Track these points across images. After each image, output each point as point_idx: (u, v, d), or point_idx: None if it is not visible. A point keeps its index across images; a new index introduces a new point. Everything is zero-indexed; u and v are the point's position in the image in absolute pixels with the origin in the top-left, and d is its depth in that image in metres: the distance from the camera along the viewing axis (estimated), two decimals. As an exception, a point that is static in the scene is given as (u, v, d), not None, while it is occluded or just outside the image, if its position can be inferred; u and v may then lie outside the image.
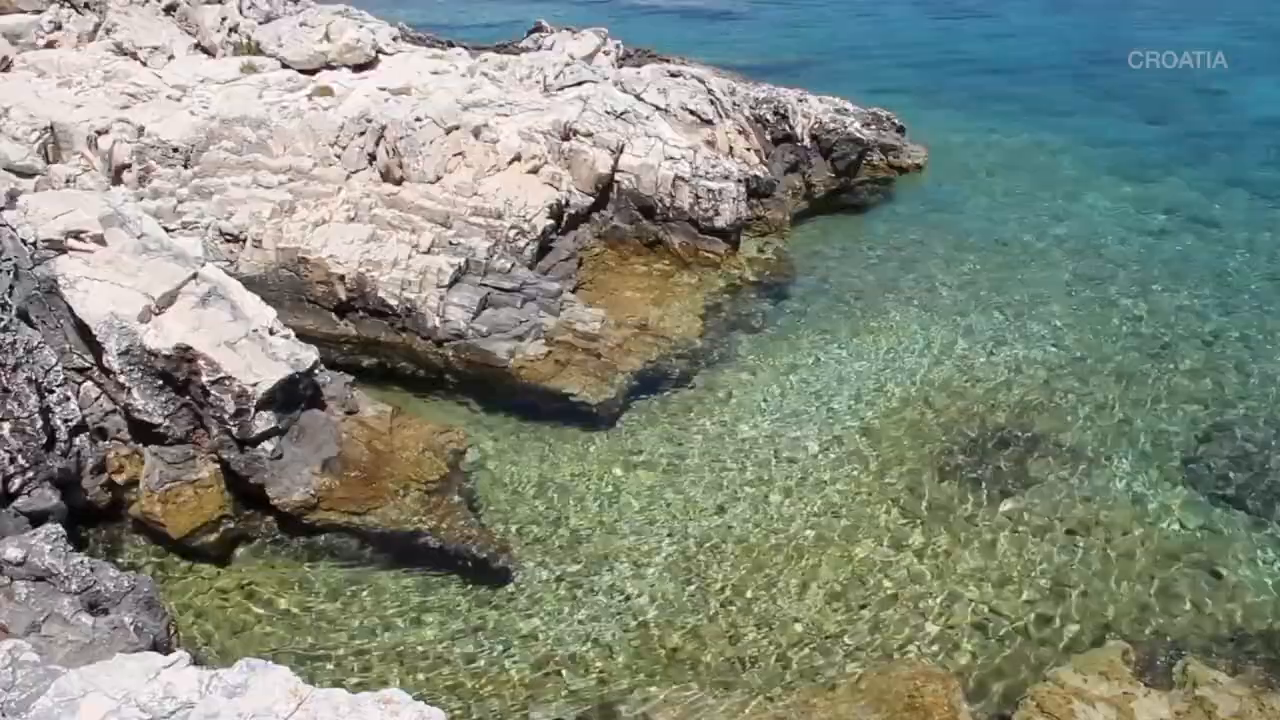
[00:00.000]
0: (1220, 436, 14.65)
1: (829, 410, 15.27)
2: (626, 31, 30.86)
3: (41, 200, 13.60)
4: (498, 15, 41.82)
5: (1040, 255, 20.10)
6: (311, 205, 16.65)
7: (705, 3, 45.96)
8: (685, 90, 21.86)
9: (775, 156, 22.61)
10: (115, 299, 12.26)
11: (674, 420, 15.05)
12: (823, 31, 40.25)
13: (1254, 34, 38.46)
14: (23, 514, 10.55)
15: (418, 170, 17.34)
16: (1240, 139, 26.91)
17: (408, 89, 19.87)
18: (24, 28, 21.09)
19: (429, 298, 15.43)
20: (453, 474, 12.89)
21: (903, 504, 13.31)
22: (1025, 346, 16.92)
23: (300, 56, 21.08)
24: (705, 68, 25.50)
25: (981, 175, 24.40)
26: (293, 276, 15.86)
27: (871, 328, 17.44)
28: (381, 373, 15.67)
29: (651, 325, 16.46)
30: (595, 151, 18.53)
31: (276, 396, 12.14)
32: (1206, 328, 17.47)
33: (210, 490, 12.40)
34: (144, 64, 20.64)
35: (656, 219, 18.81)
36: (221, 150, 17.62)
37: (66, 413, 11.48)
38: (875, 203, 23.10)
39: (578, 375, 15.12)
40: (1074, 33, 39.97)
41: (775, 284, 18.59)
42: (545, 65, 21.96)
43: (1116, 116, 29.08)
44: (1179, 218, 21.88)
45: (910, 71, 33.90)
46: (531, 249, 16.89)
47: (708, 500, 13.40)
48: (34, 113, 17.27)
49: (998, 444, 14.43)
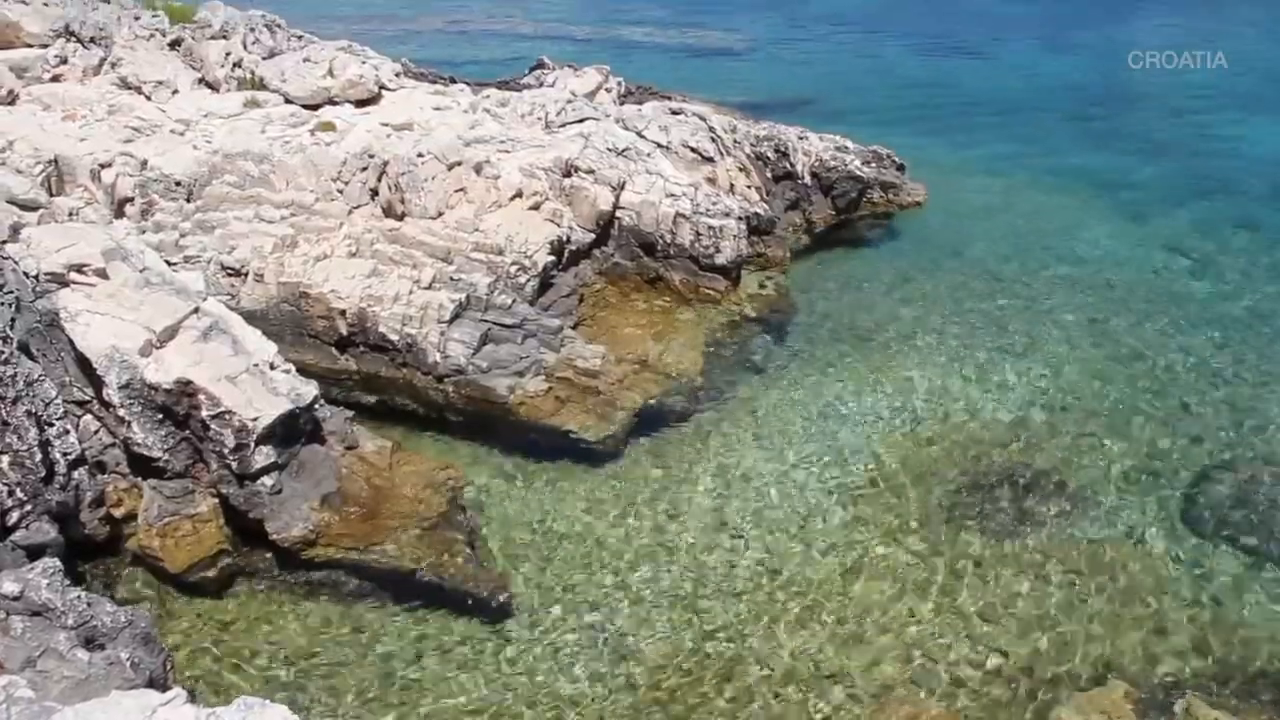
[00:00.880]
0: (1221, 475, 14.63)
1: (829, 448, 15.25)
2: (628, 68, 31.03)
3: (44, 233, 13.63)
4: (500, 52, 42.09)
5: (1040, 293, 20.13)
6: (313, 240, 16.68)
7: (706, 41, 46.27)
8: (686, 128, 21.96)
9: (776, 194, 22.69)
10: (116, 332, 12.26)
11: (674, 457, 15.03)
12: (822, 69, 40.50)
13: (1252, 70, 38.68)
14: (20, 547, 10.50)
15: (419, 206, 17.39)
16: (1238, 176, 27.03)
17: (410, 125, 19.95)
18: (30, 61, 21.21)
19: (430, 333, 15.44)
20: (452, 510, 12.85)
21: (904, 542, 13.27)
22: (1025, 384, 16.93)
23: (303, 92, 21.17)
24: (706, 105, 25.63)
25: (981, 212, 24.48)
26: (294, 311, 15.87)
27: (872, 365, 17.45)
28: (382, 408, 15.65)
29: (652, 362, 16.46)
30: (596, 188, 18.59)
31: (276, 431, 12.12)
32: (1206, 366, 17.48)
33: (209, 525, 12.35)
34: (148, 98, 20.72)
35: (657, 255, 18.85)
36: (224, 184, 17.67)
37: (66, 446, 11.45)
38: (875, 240, 23.16)
39: (578, 412, 15.11)
40: (1071, 71, 40.21)
41: (776, 321, 18.62)
42: (547, 102, 22.05)
43: (1115, 154, 29.22)
44: (1178, 255, 21.94)
45: (909, 109, 34.08)
46: (532, 285, 16.91)
47: (708, 538, 13.36)
48: (38, 146, 17.33)
49: (998, 482, 14.41)
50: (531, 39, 46.07)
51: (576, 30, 49.18)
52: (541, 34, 47.81)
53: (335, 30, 36.94)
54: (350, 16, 53.14)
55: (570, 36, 47.19)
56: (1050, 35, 47.04)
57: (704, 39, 46.85)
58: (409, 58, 27.86)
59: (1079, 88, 37.48)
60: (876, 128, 29.27)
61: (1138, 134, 31.26)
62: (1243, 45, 43.50)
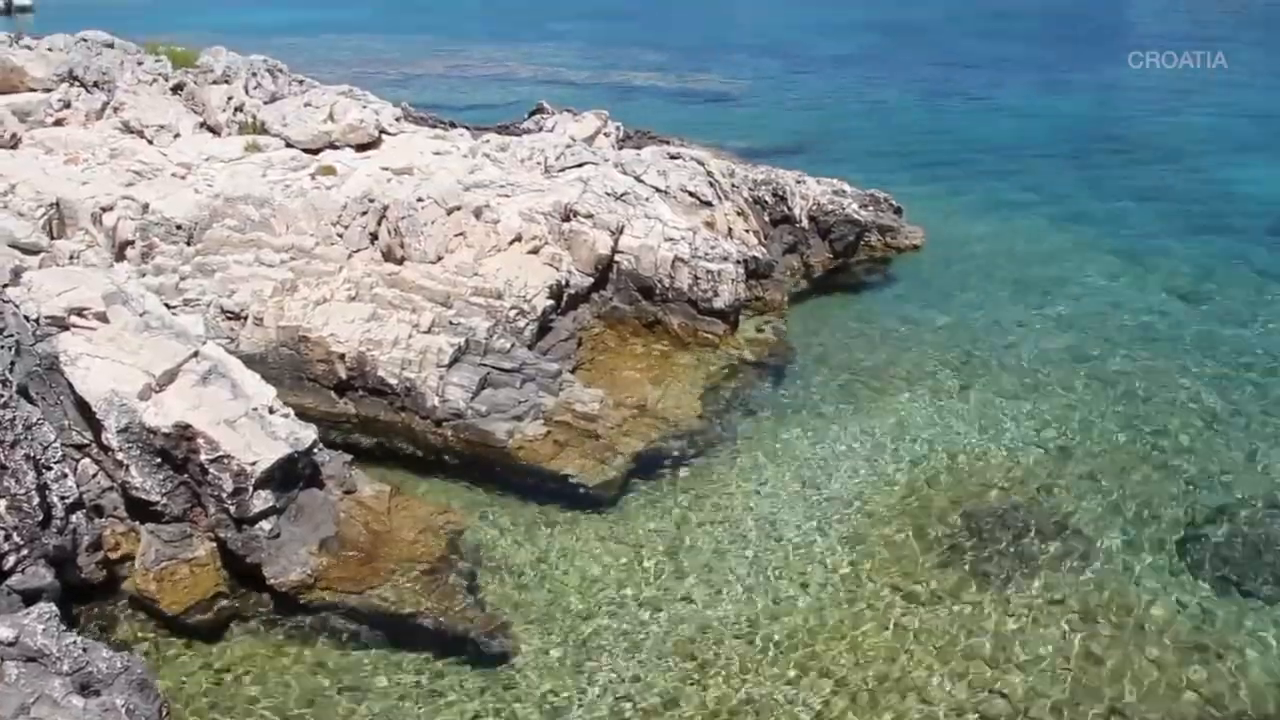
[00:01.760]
0: (1221, 518, 14.58)
1: (828, 493, 15.23)
2: (627, 112, 31.26)
3: (45, 277, 13.69)
4: (499, 96, 42.40)
5: (1038, 335, 20.16)
6: (313, 284, 16.74)
7: (705, 85, 46.65)
8: (685, 172, 22.09)
9: (774, 237, 22.80)
10: (116, 376, 12.28)
11: (673, 502, 15.00)
12: (819, 113, 40.77)
13: (1247, 113, 38.94)
14: (16, 592, 10.48)
15: (419, 250, 17.46)
16: (1234, 217, 27.14)
17: (410, 169, 20.07)
18: (34, 106, 21.39)
19: (429, 377, 15.46)
20: (450, 555, 12.81)
21: (904, 587, 13.21)
22: (1023, 428, 16.92)
23: (304, 136, 21.33)
24: (704, 149, 25.79)
25: (979, 255, 24.57)
26: (293, 355, 15.90)
27: (870, 409, 17.45)
28: (380, 452, 15.64)
29: (650, 406, 16.47)
30: (595, 232, 18.68)
31: (275, 475, 12.12)
32: (1205, 406, 17.47)
33: (206, 568, 12.34)
34: (150, 142, 20.88)
35: (656, 299, 18.91)
36: (225, 228, 17.75)
37: (64, 490, 11.45)
38: (874, 283, 23.24)
39: (576, 456, 15.10)
40: (1068, 114, 40.47)
41: (774, 365, 18.64)
42: (546, 146, 22.20)
43: (1111, 195, 29.36)
44: (1176, 297, 21.99)
45: (906, 153, 34.29)
46: (531, 329, 16.96)
47: (706, 583, 13.30)
48: (40, 189, 17.44)
49: (997, 527, 14.36)
50: (530, 83, 46.40)
51: (575, 75, 49.59)
52: (541, 78, 48.17)
53: (336, 74, 37.31)
54: (351, 60, 53.65)
55: (569, 81, 47.56)
56: (1046, 78, 47.39)
57: (702, 83, 47.23)
58: (409, 102, 28.11)
59: (1075, 130, 37.72)
60: (874, 171, 29.49)
61: (1134, 175, 31.43)
62: (1236, 91, 43.83)
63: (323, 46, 59.28)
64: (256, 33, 60.81)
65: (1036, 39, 59.36)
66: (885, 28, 64.94)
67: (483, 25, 71.24)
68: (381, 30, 68.35)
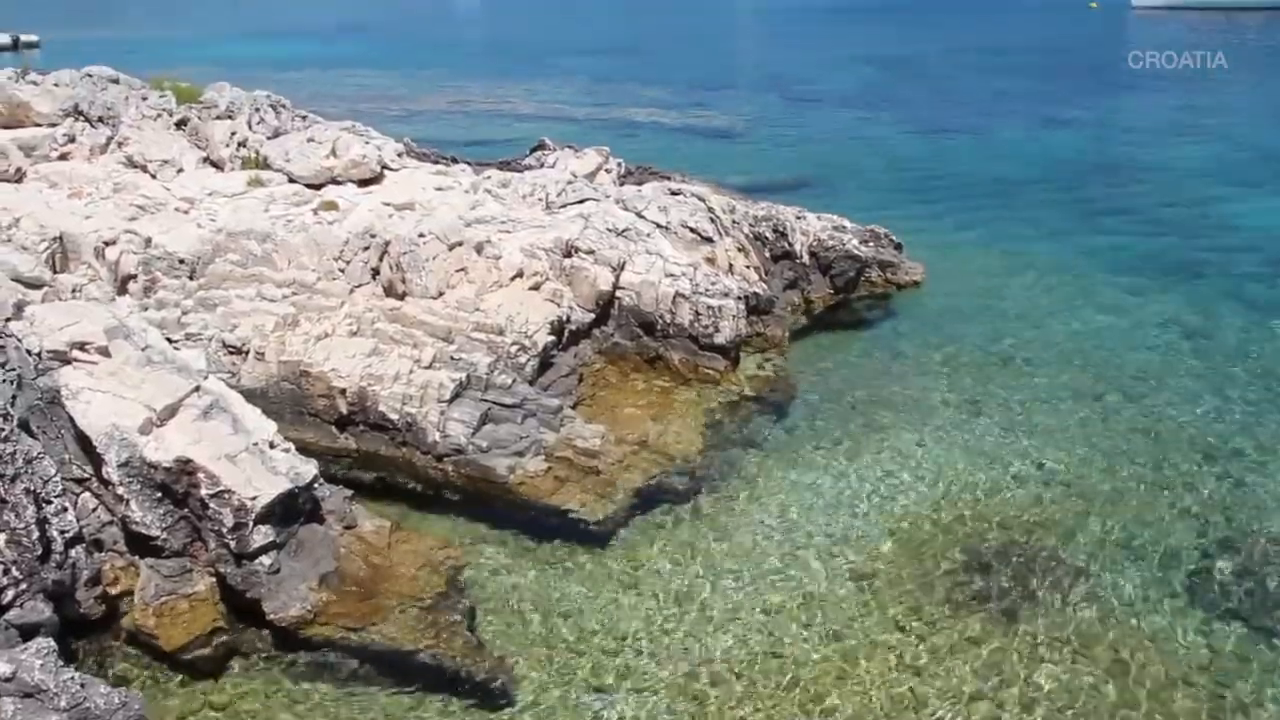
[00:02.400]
0: (1226, 552, 14.54)
1: (829, 529, 15.19)
2: (628, 148, 31.41)
3: (48, 311, 13.72)
4: (501, 132, 42.60)
5: (1038, 370, 20.17)
6: (314, 319, 16.77)
7: (706, 121, 46.87)
8: (686, 208, 22.16)
9: (774, 273, 22.84)
10: (117, 410, 12.29)
11: (674, 538, 14.97)
12: (819, 149, 40.95)
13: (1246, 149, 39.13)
14: (14, 627, 10.44)
15: (420, 285, 17.51)
16: (1233, 251, 27.19)
17: (412, 204, 20.15)
18: (39, 140, 21.50)
19: (430, 412, 15.47)
20: (451, 591, 12.78)
21: (906, 624, 13.16)
22: (1025, 462, 16.90)
23: (307, 171, 21.42)
24: (705, 185, 25.87)
25: (979, 291, 24.60)
26: (294, 389, 15.91)
27: (872, 445, 17.44)
28: (381, 487, 15.62)
29: (652, 442, 16.46)
30: (596, 268, 18.72)
31: (275, 510, 12.11)
32: (1206, 441, 17.45)
33: (205, 603, 12.30)
34: (153, 176, 20.97)
35: (657, 335, 18.93)
36: (227, 263, 17.80)
37: (63, 524, 11.42)
38: (874, 319, 23.26)
39: (578, 492, 15.09)
40: (1066, 148, 40.64)
41: (775, 400, 18.64)
42: (548, 183, 22.28)
43: (1111, 230, 29.42)
44: (1176, 331, 22.01)
45: (906, 189, 34.42)
46: (532, 365, 16.97)
47: (707, 620, 13.25)
48: (44, 223, 17.50)
49: (1000, 561, 14.33)
50: (532, 119, 46.66)
51: (577, 111, 49.83)
52: (542, 114, 48.44)
53: (339, 109, 37.58)
54: (354, 96, 53.95)
55: (571, 117, 47.80)
56: (1044, 113, 47.63)
57: (703, 119, 47.46)
58: (411, 137, 28.20)
59: (1074, 165, 37.87)
60: (874, 206, 29.58)
61: (1133, 209, 31.52)
62: (1237, 126, 44.06)
63: (326, 81, 59.65)
64: (260, 67, 61.21)
65: (1034, 74, 59.71)
66: (884, 63, 65.34)
67: (485, 61, 71.71)
68: (384, 66, 68.76)
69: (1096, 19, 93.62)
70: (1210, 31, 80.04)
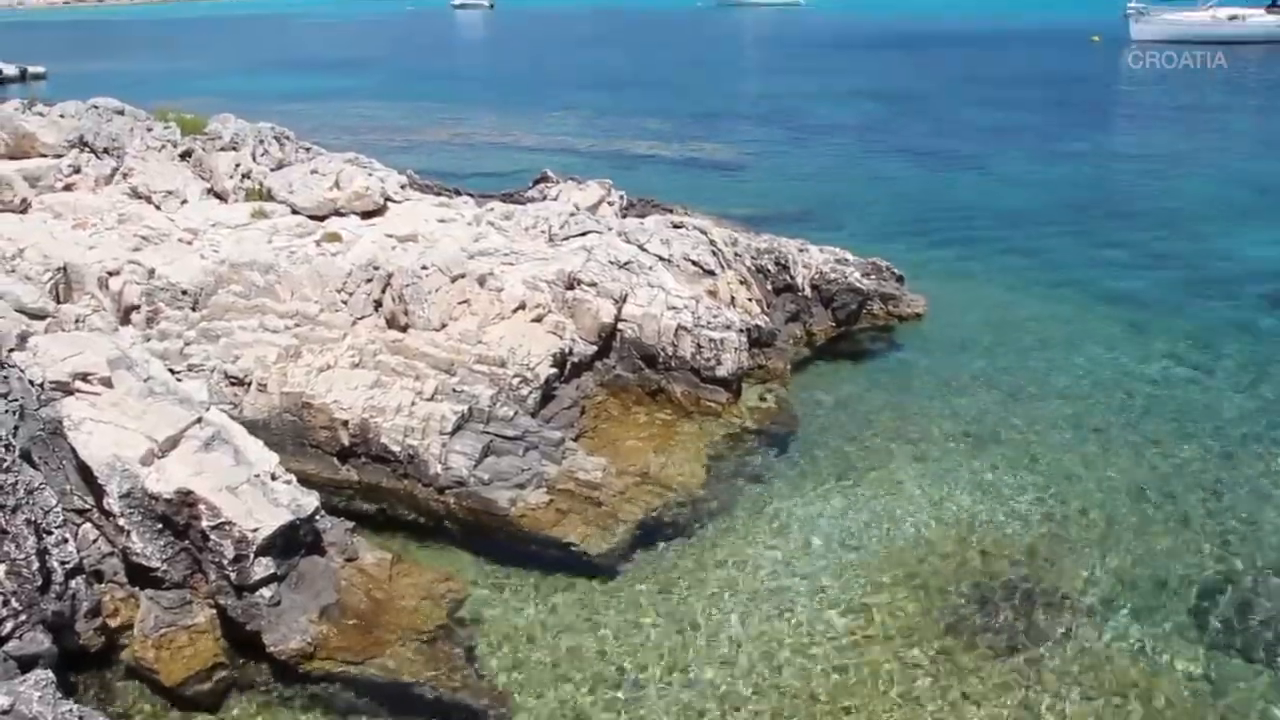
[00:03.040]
0: (1227, 587, 14.49)
1: (832, 563, 15.16)
2: (631, 180, 31.49)
3: (51, 342, 13.76)
4: (504, 163, 42.72)
5: (1039, 404, 20.14)
6: (317, 350, 16.80)
7: (708, 153, 47.00)
8: (688, 241, 22.22)
9: (776, 306, 22.86)
10: (119, 441, 12.31)
11: (675, 571, 14.94)
12: (821, 182, 41.04)
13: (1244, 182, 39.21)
14: (12, 658, 10.42)
15: (423, 318, 17.54)
16: (1234, 283, 27.17)
17: (415, 236, 20.21)
18: (44, 171, 21.64)
19: (431, 445, 15.47)
20: (451, 623, 12.77)
21: (908, 659, 13.12)
22: (1026, 495, 16.87)
23: (310, 203, 21.50)
24: (708, 218, 25.95)
25: (980, 323, 24.60)
26: (296, 421, 15.92)
27: (873, 478, 17.41)
28: (382, 519, 15.62)
29: (653, 474, 16.45)
30: (599, 301, 18.76)
31: (276, 543, 12.10)
32: (1208, 477, 17.41)
33: (205, 636, 12.28)
34: (158, 207, 21.06)
35: (659, 368, 18.94)
36: (230, 294, 17.85)
37: (64, 555, 11.42)
38: (876, 351, 23.26)
39: (579, 524, 15.06)
40: (1067, 181, 40.72)
41: (777, 433, 18.62)
42: (550, 215, 22.36)
43: (1111, 263, 29.43)
44: (1177, 364, 21.98)
45: (908, 221, 34.45)
46: (534, 397, 16.98)
47: (709, 653, 13.22)
48: (48, 253, 17.59)
49: (1001, 596, 14.29)
50: (535, 151, 46.81)
51: (579, 143, 49.99)
52: (545, 146, 48.59)
53: (343, 141, 37.75)
54: (358, 127, 54.17)
55: (573, 149, 47.95)
56: (1044, 146, 47.75)
57: (705, 151, 47.60)
58: (415, 169, 28.30)
59: (1075, 197, 37.92)
60: (875, 239, 29.65)
61: (1134, 242, 31.54)
62: (1237, 158, 44.19)
63: (330, 113, 59.92)
64: (265, 99, 61.52)
65: (1036, 106, 59.88)
66: (886, 95, 65.58)
67: (488, 93, 72.00)
68: (388, 97, 69.07)
69: (1097, 51, 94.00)
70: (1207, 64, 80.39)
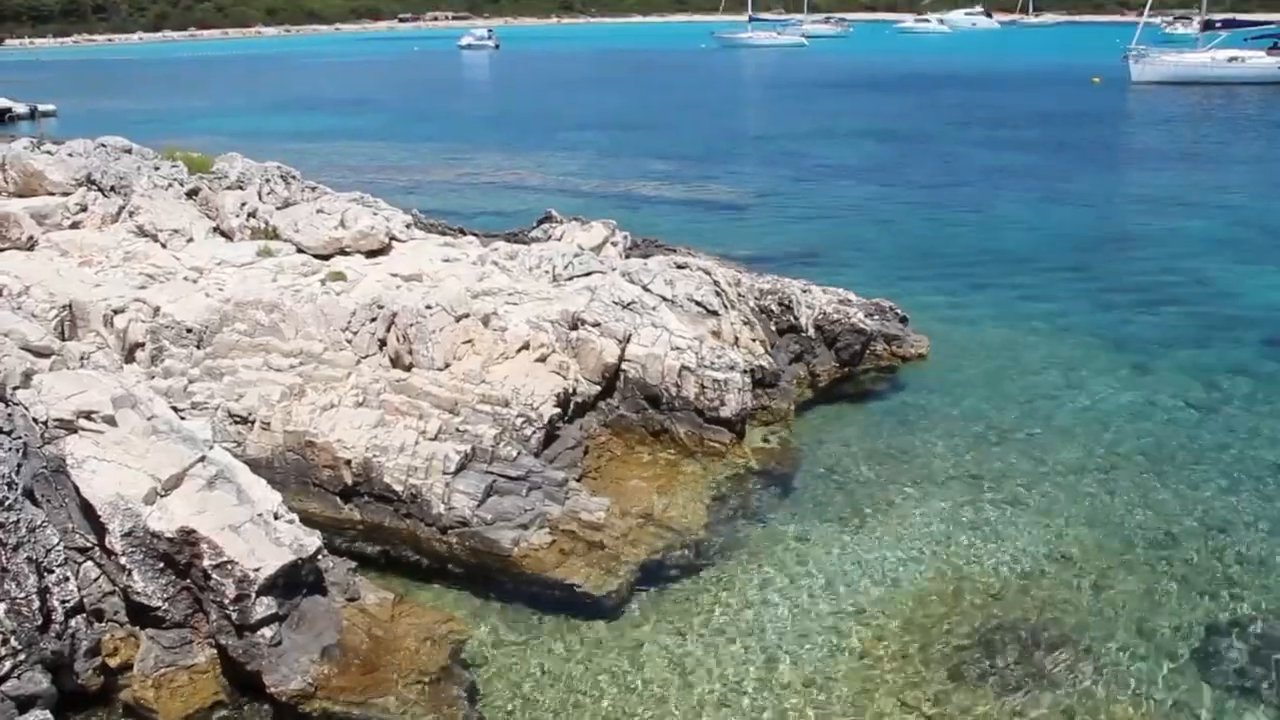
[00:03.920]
0: (1235, 629, 14.38)
1: (835, 605, 15.09)
2: (635, 220, 31.63)
3: (55, 380, 13.78)
4: (508, 203, 42.92)
5: (1043, 445, 20.09)
6: (321, 389, 16.81)
7: (711, 194, 47.16)
8: (692, 281, 22.26)
9: (780, 346, 22.86)
10: (122, 480, 12.30)
11: (678, 613, 14.87)
12: (824, 222, 41.15)
13: (1248, 223, 39.28)
14: (10, 698, 10.38)
15: (427, 357, 17.56)
16: (1237, 323, 27.17)
17: (419, 276, 20.28)
18: (51, 209, 21.75)
19: (434, 484, 15.44)
20: (453, 665, 12.70)
21: (911, 702, 13.03)
22: (1029, 538, 16.80)
23: (315, 242, 21.58)
24: (711, 258, 26.02)
25: (984, 364, 24.59)
26: (299, 460, 15.91)
27: (877, 520, 17.36)
28: (384, 559, 15.57)
29: (656, 515, 16.40)
30: (603, 341, 18.79)
31: (278, 582, 12.05)
32: (1213, 517, 17.33)
33: (205, 676, 12.22)
34: (164, 246, 21.15)
35: (662, 408, 18.94)
36: (234, 332, 17.89)
37: (65, 594, 11.38)
38: (879, 392, 23.23)
39: (582, 565, 15.00)
40: (1068, 221, 40.81)
41: (780, 474, 18.59)
42: (555, 255, 22.43)
43: (1114, 303, 29.44)
44: (1181, 404, 21.94)
45: (911, 261, 34.52)
46: (538, 437, 16.96)
47: (710, 697, 13.13)
48: (54, 291, 17.65)
49: (1005, 638, 14.20)
50: (539, 191, 47.01)
51: (584, 183, 50.19)
52: (549, 186, 48.79)
53: (349, 180, 37.90)
54: (363, 167, 54.48)
55: (577, 189, 48.13)
56: (1046, 186, 47.89)
57: (709, 192, 47.77)
58: (419, 208, 28.45)
59: (1077, 238, 37.97)
60: (879, 280, 29.71)
61: (1137, 283, 31.56)
62: (1239, 200, 44.31)
63: (336, 152, 60.25)
64: (271, 138, 61.86)
65: (1037, 148, 60.12)
66: (888, 136, 65.89)
67: (493, 133, 72.38)
68: (394, 137, 69.42)
69: (1098, 93, 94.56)
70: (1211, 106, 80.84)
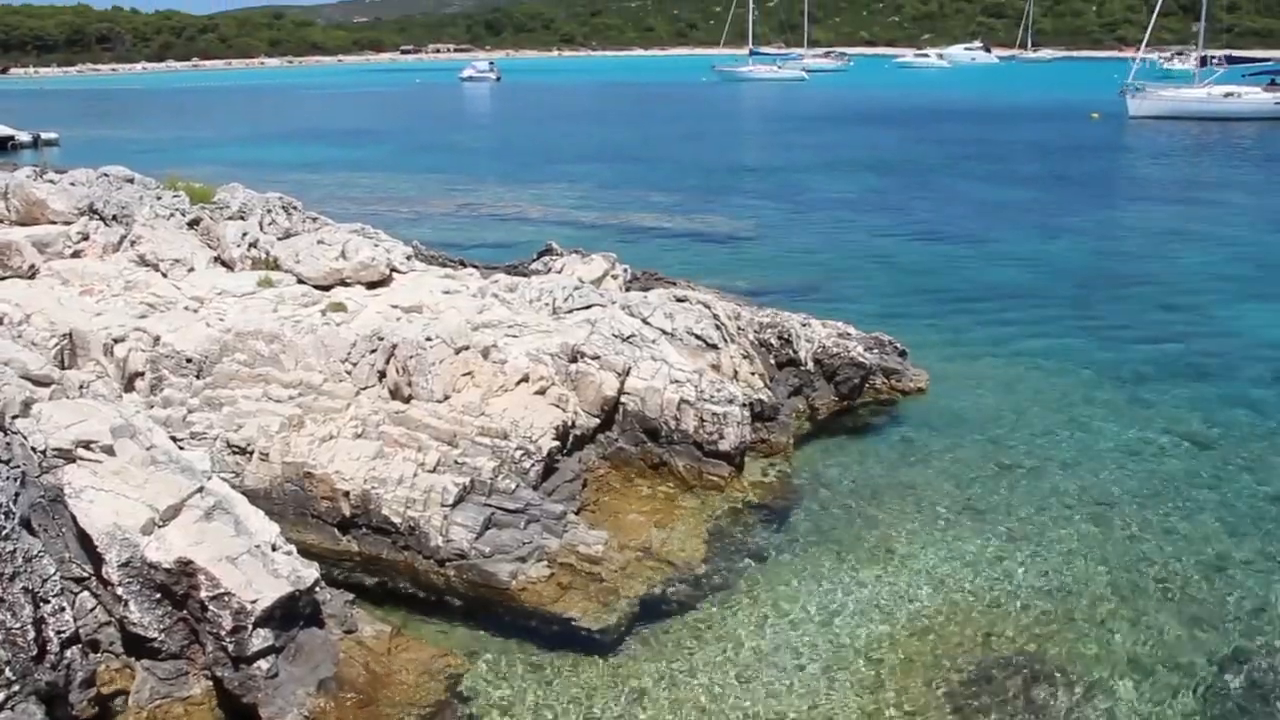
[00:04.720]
0: (1234, 664, 14.31)
1: (834, 640, 15.02)
2: (635, 253, 31.71)
3: (55, 409, 13.77)
4: (509, 235, 43.05)
5: (1041, 479, 20.07)
6: (320, 420, 16.80)
7: (712, 226, 47.27)
8: (691, 315, 22.30)
9: (779, 380, 22.88)
10: (119, 510, 12.27)
11: (676, 647, 14.80)
12: (824, 255, 41.25)
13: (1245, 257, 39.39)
14: (3, 731, 10.33)
15: (426, 389, 17.56)
16: (1236, 358, 27.18)
17: (420, 307, 20.31)
18: (53, 237, 21.80)
19: (433, 516, 15.41)
20: (450, 698, 12.66)
21: (909, 740, 13.00)
22: (1030, 571, 16.76)
23: (316, 273, 21.63)
24: (711, 291, 26.09)
25: (983, 398, 24.59)
26: (298, 491, 15.89)
27: (876, 553, 17.32)
28: (382, 591, 15.52)
29: (655, 549, 16.37)
30: (602, 374, 18.80)
31: (275, 614, 12.01)
32: (1212, 551, 17.29)
33: (201, 708, 12.17)
34: (164, 275, 21.19)
35: (661, 441, 18.93)
36: (234, 362, 17.90)
37: (60, 624, 11.33)
38: (878, 426, 23.22)
39: (580, 599, 14.96)
40: (1067, 255, 40.90)
41: (779, 508, 18.56)
42: (555, 288, 22.47)
43: (1113, 337, 29.45)
44: (1179, 438, 21.92)
45: (910, 295, 34.58)
46: (536, 470, 16.95)
47: (709, 733, 13.09)
48: (54, 319, 17.67)
49: (1004, 673, 14.14)
50: (540, 223, 47.13)
51: (584, 215, 50.32)
52: (550, 219, 48.92)
53: (350, 211, 38.09)
54: (365, 198, 54.67)
55: (578, 221, 48.24)
56: (1044, 220, 48.02)
57: (709, 225, 47.88)
58: (420, 240, 28.52)
59: (1075, 272, 38.06)
60: (878, 313, 29.78)
61: (1135, 318, 31.61)
62: (1235, 230, 44.46)
63: (338, 183, 60.47)
64: (273, 168, 62.13)
65: (1036, 182, 60.34)
66: (887, 170, 66.14)
67: (494, 165, 72.66)
68: (395, 168, 69.67)
69: (1096, 128, 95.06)
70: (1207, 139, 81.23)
